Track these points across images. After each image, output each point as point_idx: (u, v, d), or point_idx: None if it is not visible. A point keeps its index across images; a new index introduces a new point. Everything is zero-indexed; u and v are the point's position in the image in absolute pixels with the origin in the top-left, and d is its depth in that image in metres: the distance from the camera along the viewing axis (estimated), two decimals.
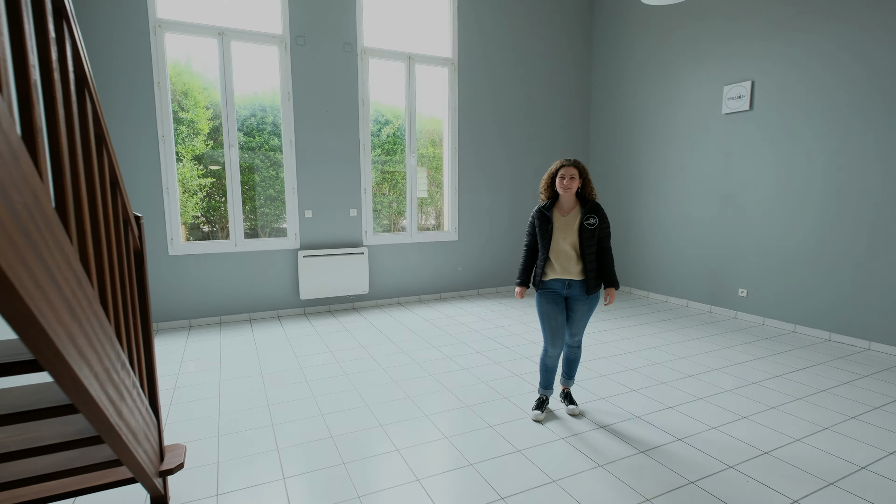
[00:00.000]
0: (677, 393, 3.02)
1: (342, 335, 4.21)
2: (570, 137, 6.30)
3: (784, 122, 4.32)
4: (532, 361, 3.56)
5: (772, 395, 2.99)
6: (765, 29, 4.41)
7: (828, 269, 4.10)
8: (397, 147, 5.50)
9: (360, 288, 5.09)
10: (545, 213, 2.60)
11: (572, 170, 2.54)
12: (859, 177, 3.86)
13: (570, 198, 2.58)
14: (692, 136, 5.12)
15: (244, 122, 4.82)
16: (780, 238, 4.41)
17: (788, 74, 4.27)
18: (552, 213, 2.60)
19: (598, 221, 2.52)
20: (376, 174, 5.43)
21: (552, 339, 2.61)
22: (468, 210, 5.73)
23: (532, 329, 4.40)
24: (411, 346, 3.93)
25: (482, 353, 3.74)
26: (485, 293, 5.93)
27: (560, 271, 2.56)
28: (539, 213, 2.63)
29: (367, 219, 5.18)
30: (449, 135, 5.56)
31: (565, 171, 2.54)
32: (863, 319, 3.91)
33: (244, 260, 4.66)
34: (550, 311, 2.59)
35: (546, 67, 5.97)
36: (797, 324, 4.35)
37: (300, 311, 4.95)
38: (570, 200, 2.59)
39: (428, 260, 5.56)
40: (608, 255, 2.59)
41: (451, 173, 5.61)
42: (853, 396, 2.98)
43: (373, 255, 5.24)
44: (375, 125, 5.36)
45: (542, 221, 2.60)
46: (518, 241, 6.11)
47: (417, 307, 5.25)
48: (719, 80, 4.82)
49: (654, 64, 5.47)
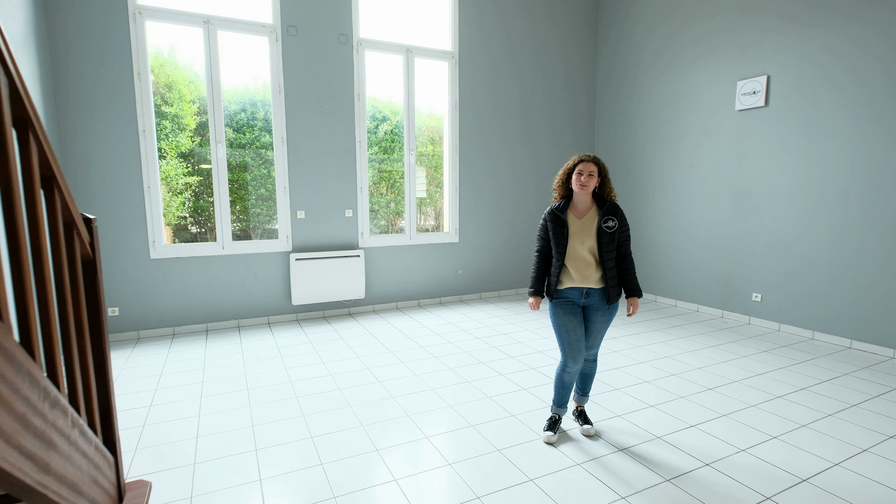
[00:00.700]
0: (698, 409, 2.79)
1: (336, 344, 3.96)
2: (575, 135, 6.07)
3: (802, 118, 4.10)
4: (540, 373, 3.32)
5: (800, 412, 2.76)
6: (780, 21, 4.19)
7: (848, 272, 3.88)
8: (395, 145, 5.26)
9: (356, 292, 4.84)
10: (559, 216, 2.36)
11: (591, 166, 2.30)
12: (883, 176, 3.64)
13: (586, 198, 2.35)
14: (704, 133, 4.90)
15: (233, 117, 4.56)
16: (797, 240, 4.19)
17: (806, 68, 4.04)
18: (566, 214, 2.37)
19: (618, 224, 2.29)
20: (373, 173, 5.18)
21: (572, 353, 2.37)
22: (469, 211, 5.49)
23: (539, 337, 4.16)
24: (410, 356, 3.68)
25: (486, 364, 3.49)
26: (487, 297, 5.69)
27: (578, 279, 2.33)
28: (552, 215, 2.39)
29: (363, 220, 4.93)
30: (449, 132, 5.32)
31: (584, 167, 2.30)
32: (887, 326, 3.69)
33: (232, 263, 4.41)
34: (568, 322, 2.35)
35: (550, 62, 5.74)
36: (815, 330, 4.13)
37: (292, 318, 4.70)
38: (587, 201, 2.35)
39: (427, 263, 5.32)
40: (629, 260, 2.36)
41: (451, 172, 5.37)
42: (887, 412, 2.75)
43: (369, 258, 4.99)
44: (372, 122, 5.11)
45: (557, 224, 2.36)
46: (522, 243, 5.87)
47: (417, 312, 5.00)
48: (733, 75, 4.59)
49: (664, 58, 5.24)
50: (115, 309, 3.99)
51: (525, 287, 5.98)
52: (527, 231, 5.88)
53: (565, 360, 2.40)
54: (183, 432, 2.51)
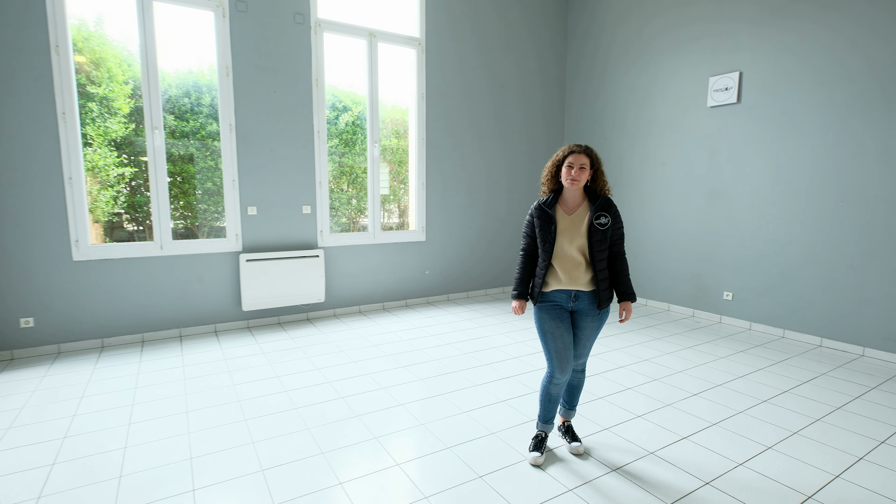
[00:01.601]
0: (687, 418, 2.62)
1: (293, 354, 3.58)
2: (547, 130, 5.89)
3: (774, 115, 4.06)
4: (519, 383, 3.08)
5: (789, 418, 2.64)
6: (754, 16, 4.13)
7: (819, 270, 3.86)
8: (357, 137, 4.90)
9: (316, 295, 4.46)
10: (546, 211, 2.13)
11: (582, 158, 2.07)
12: (854, 174, 3.63)
13: (577, 192, 2.13)
14: (675, 130, 4.82)
15: (175, 102, 4.08)
16: (769, 238, 4.15)
17: (779, 65, 4.00)
18: (555, 210, 2.13)
19: (611, 221, 2.07)
20: (333, 167, 4.80)
21: (559, 362, 2.13)
22: (437, 208, 5.21)
23: (514, 341, 3.93)
24: (376, 366, 3.36)
25: (460, 374, 3.22)
26: (455, 298, 5.43)
27: (565, 281, 2.09)
28: (539, 210, 2.15)
29: (322, 217, 4.55)
30: (416, 124, 5.01)
31: (574, 159, 2.07)
32: (857, 324, 3.69)
33: (173, 265, 3.93)
34: (554, 328, 2.11)
35: (520, 54, 5.53)
36: (786, 329, 4.10)
37: (243, 325, 4.26)
38: (578, 195, 2.13)
39: (392, 263, 4.99)
40: (622, 261, 2.14)
41: (418, 167, 5.06)
42: (872, 414, 2.68)
43: (330, 258, 4.62)
44: (332, 112, 4.74)
45: (544, 221, 2.13)
46: (493, 243, 5.64)
47: (382, 316, 4.67)
48: (704, 71, 4.52)
49: (633, 52, 5.13)
50: (28, 319, 3.45)
51: (496, 288, 5.76)
52: (498, 229, 5.65)
53: (552, 371, 2.16)
54: (104, 470, 2.09)
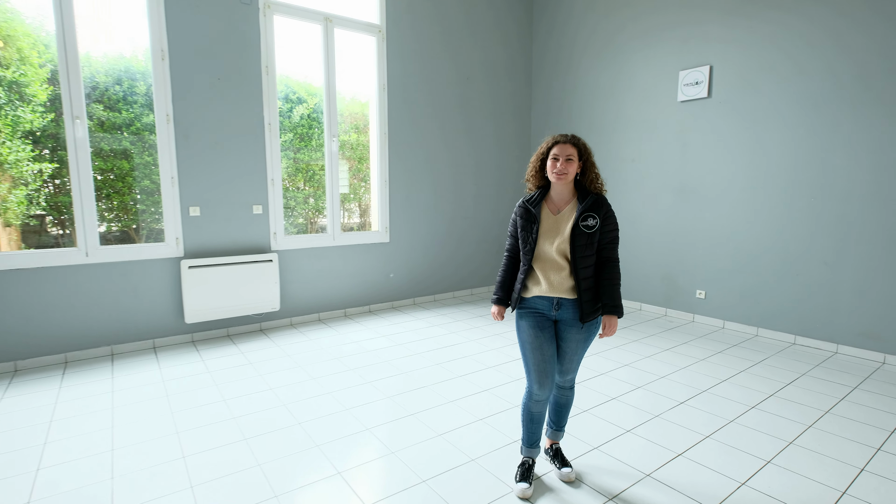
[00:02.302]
0: (679, 431, 2.44)
1: (244, 372, 3.19)
2: (515, 124, 5.69)
3: (745, 110, 3.99)
4: (497, 397, 2.83)
5: (781, 426, 2.51)
6: (724, 9, 4.05)
7: (793, 267, 3.82)
8: (313, 131, 4.52)
9: (269, 304, 4.06)
10: (530, 210, 1.90)
11: (569, 148, 1.84)
12: (826, 170, 3.60)
13: (565, 188, 1.89)
14: (645, 125, 4.71)
15: (105, 90, 3.60)
16: (742, 235, 4.09)
17: (750, 60, 3.93)
18: (540, 208, 1.90)
19: (599, 222, 1.82)
20: (288, 163, 4.41)
21: (538, 376, 1.89)
22: (401, 207, 4.90)
23: (487, 349, 3.68)
24: (338, 383, 3.03)
25: (432, 389, 2.94)
26: (421, 302, 5.14)
27: (545, 287, 1.86)
28: (522, 208, 1.93)
29: (276, 217, 4.15)
30: (377, 118, 4.68)
31: (559, 150, 1.84)
32: (831, 321, 3.66)
33: (102, 274, 3.45)
34: (534, 338, 1.88)
35: (486, 45, 5.29)
36: (760, 327, 4.05)
37: (186, 339, 3.82)
38: (566, 192, 1.90)
39: (354, 266, 4.65)
40: (612, 268, 1.88)
41: (380, 163, 4.73)
42: (862, 418, 2.59)
43: (285, 263, 4.22)
44: (286, 103, 4.34)
45: (526, 220, 1.90)
46: (461, 243, 5.38)
47: (343, 324, 4.32)
48: (674, 65, 4.42)
49: (601, 45, 4.99)
50: None
51: (464, 290, 5.50)
52: (466, 229, 5.40)
53: (531, 387, 1.93)
54: None
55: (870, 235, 3.42)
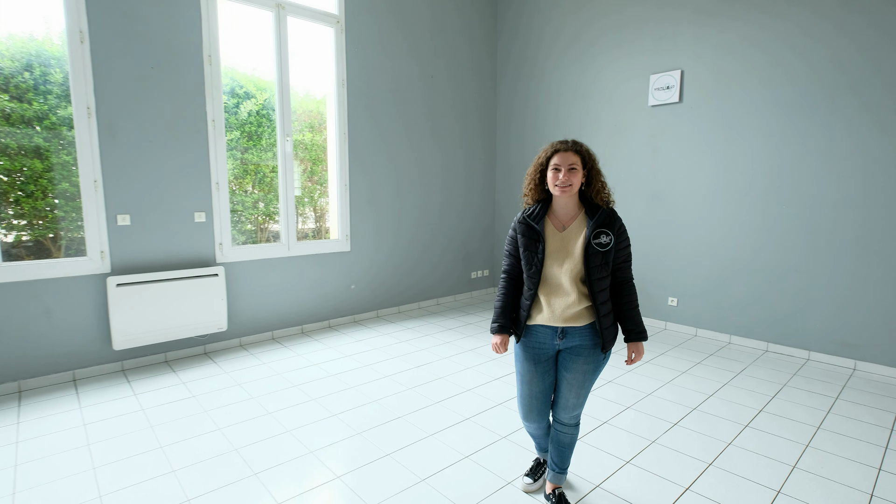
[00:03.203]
0: (679, 459, 2.27)
1: (186, 408, 2.74)
2: (481, 126, 5.45)
3: (717, 116, 3.95)
4: (482, 427, 2.55)
5: (778, 447, 2.39)
6: (696, 12, 3.99)
7: (765, 275, 3.80)
8: (264, 130, 4.08)
9: (216, 323, 3.60)
10: (532, 226, 1.67)
11: (571, 157, 1.62)
12: (798, 177, 3.59)
13: (569, 201, 1.67)
14: (615, 129, 4.60)
15: (11, 77, 3.03)
16: (714, 242, 4.05)
17: (721, 64, 3.89)
18: (544, 224, 1.67)
19: (614, 239, 1.62)
20: (234, 164, 3.95)
21: (524, 410, 1.84)
22: (362, 212, 4.54)
23: (463, 367, 3.40)
24: (298, 417, 2.65)
25: (407, 420, 2.62)
26: (385, 315, 4.79)
27: (549, 315, 1.66)
28: (524, 224, 1.69)
29: (222, 226, 3.69)
30: (336, 115, 4.30)
31: (561, 160, 1.62)
32: (803, 328, 3.66)
33: (6, 296, 2.89)
34: (526, 371, 1.77)
35: (451, 41, 5.02)
36: (732, 334, 4.02)
37: (115, 368, 3.29)
38: (571, 205, 1.67)
39: (312, 278, 4.24)
40: (630, 290, 1.70)
41: (339, 165, 4.35)
42: (856, 434, 2.52)
43: (233, 276, 3.76)
44: (232, 98, 3.88)
45: (529, 238, 1.67)
46: (425, 249, 5.08)
47: (300, 343, 3.91)
48: (645, 69, 4.33)
49: (569, 47, 4.85)
50: None
51: (430, 300, 5.21)
52: (432, 235, 5.10)
53: (523, 418, 1.87)
54: None
55: (840, 243, 3.43)
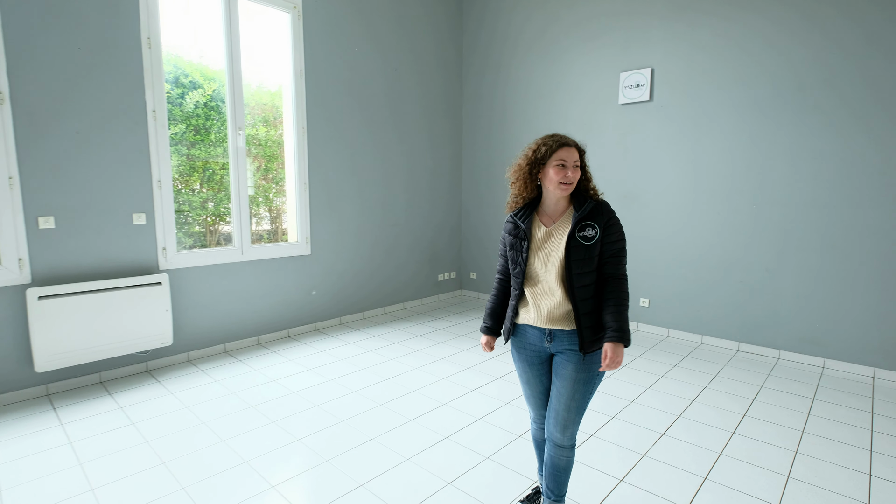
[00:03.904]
0: (674, 474, 2.14)
1: (123, 440, 2.38)
2: (447, 122, 5.25)
3: (688, 115, 3.92)
4: (464, 447, 2.35)
5: (769, 455, 2.32)
6: (666, 11, 3.95)
7: (735, 275, 3.80)
8: (212, 123, 3.71)
9: (159, 337, 3.21)
10: (518, 224, 1.59)
11: (576, 153, 1.55)
12: (768, 177, 3.60)
13: (562, 197, 1.56)
14: (584, 127, 4.51)
15: None
16: (685, 242, 4.02)
17: (692, 63, 3.86)
18: (531, 222, 1.59)
19: (600, 233, 1.49)
20: (180, 160, 3.56)
21: (534, 405, 1.76)
22: (323, 213, 4.23)
23: (438, 378, 3.18)
24: (258, 444, 2.35)
25: (381, 442, 2.38)
26: (349, 322, 4.51)
27: (536, 316, 1.57)
28: (511, 223, 1.63)
29: (165, 228, 3.30)
30: (293, 109, 3.98)
31: (568, 156, 1.51)
32: (774, 327, 3.67)
33: None
34: (523, 372, 1.70)
35: (414, 35, 4.79)
36: (704, 335, 4.01)
37: (39, 393, 2.86)
38: (563, 201, 1.58)
39: (269, 284, 3.91)
40: (617, 286, 1.53)
41: (298, 162, 4.04)
42: (844, 438, 2.49)
43: (179, 285, 3.39)
44: (176, 88, 3.50)
45: (515, 237, 1.60)
46: (390, 251, 4.82)
47: (257, 356, 3.57)
48: (615, 66, 4.26)
49: (537, 43, 4.73)
50: None
51: (396, 304, 4.96)
52: (397, 236, 4.86)
53: (530, 412, 1.81)
54: None
55: (809, 242, 3.46)
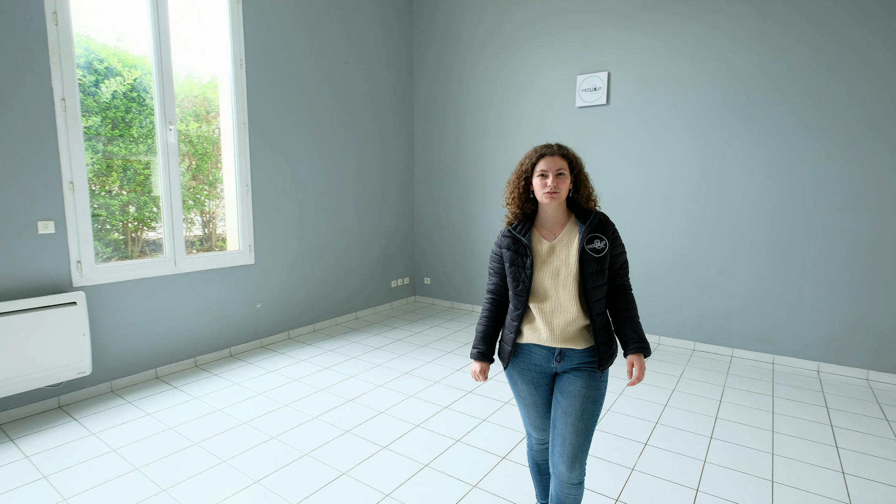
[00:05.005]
0: (668, 489, 2.07)
1: (27, 497, 1.95)
2: (398, 123, 5.01)
3: (644, 119, 3.96)
4: (446, 475, 2.14)
5: (754, 460, 2.32)
6: (622, 15, 3.97)
7: (691, 276, 3.89)
8: (134, 116, 3.24)
9: (75, 367, 2.73)
10: (519, 239, 1.50)
11: (559, 161, 1.46)
12: (720, 180, 3.71)
13: (558, 208, 1.50)
14: (541, 130, 4.47)
15: None
16: (642, 245, 4.07)
17: (647, 69, 3.91)
18: (531, 236, 1.49)
19: (608, 245, 1.45)
20: (95, 158, 3.07)
21: (538, 428, 1.63)
22: (268, 218, 3.86)
23: (404, 396, 2.95)
24: (205, 491, 2.01)
25: (353, 477, 2.12)
26: (299, 336, 4.15)
27: (547, 335, 1.47)
28: (509, 238, 1.54)
29: (80, 238, 2.82)
30: (234, 104, 3.58)
31: (548, 165, 1.45)
32: (727, 327, 3.80)
33: None
34: (528, 395, 1.57)
35: (363, 29, 4.52)
36: (661, 335, 4.09)
37: None
38: (560, 213, 1.51)
39: (207, 298, 3.48)
40: (628, 298, 1.52)
41: (239, 162, 3.64)
42: (807, 435, 2.56)
43: (99, 303, 2.90)
44: (90, 75, 3.00)
45: (515, 252, 1.51)
46: (339, 259, 4.51)
47: (195, 380, 3.15)
48: (572, 69, 4.24)
49: (491, 42, 4.62)
50: None
51: (348, 315, 4.64)
52: (347, 242, 4.55)
53: (528, 432, 1.69)
54: None
55: (760, 244, 3.60)
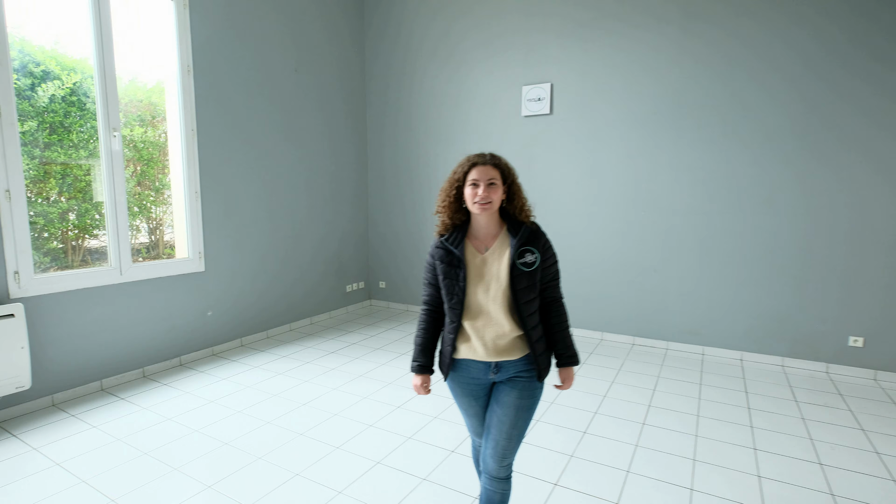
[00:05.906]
0: (600, 471, 2.26)
1: None
2: (350, 129, 5.06)
3: (584, 129, 4.22)
4: (399, 471, 2.24)
5: (737, 457, 2.55)
6: (562, 30, 4.21)
7: (629, 275, 4.17)
8: (74, 121, 3.15)
9: (13, 381, 2.63)
10: (451, 251, 1.52)
11: (490, 171, 1.50)
12: (653, 186, 4.00)
13: (490, 219, 1.54)
14: (488, 137, 4.65)
15: None
16: (585, 247, 4.32)
17: (586, 80, 4.16)
18: (464, 248, 1.53)
19: (539, 257, 1.51)
20: (30, 164, 2.96)
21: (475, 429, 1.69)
22: (218, 223, 3.82)
23: (359, 398, 3.02)
24: (157, 500, 2.01)
25: (306, 477, 2.18)
26: (251, 343, 4.12)
27: (480, 348, 1.52)
28: (442, 249, 1.54)
29: (18, 248, 2.72)
30: (181, 108, 3.53)
31: (479, 174, 1.49)
32: (662, 322, 4.09)
33: None
34: (468, 406, 1.63)
35: (313, 36, 4.55)
36: (604, 331, 4.34)
37: None
38: (492, 224, 1.55)
39: (155, 307, 3.41)
40: (559, 310, 1.59)
41: (188, 168, 3.59)
42: (770, 426, 2.82)
43: (39, 315, 2.81)
44: (25, 78, 2.91)
45: (448, 265, 1.52)
46: (287, 263, 4.51)
47: (144, 391, 3.09)
48: (518, 79, 4.45)
49: (441, 51, 4.77)
50: None
51: (302, 320, 4.64)
52: (301, 247, 4.56)
53: (470, 434, 1.74)
54: None
55: (689, 245, 3.91)
